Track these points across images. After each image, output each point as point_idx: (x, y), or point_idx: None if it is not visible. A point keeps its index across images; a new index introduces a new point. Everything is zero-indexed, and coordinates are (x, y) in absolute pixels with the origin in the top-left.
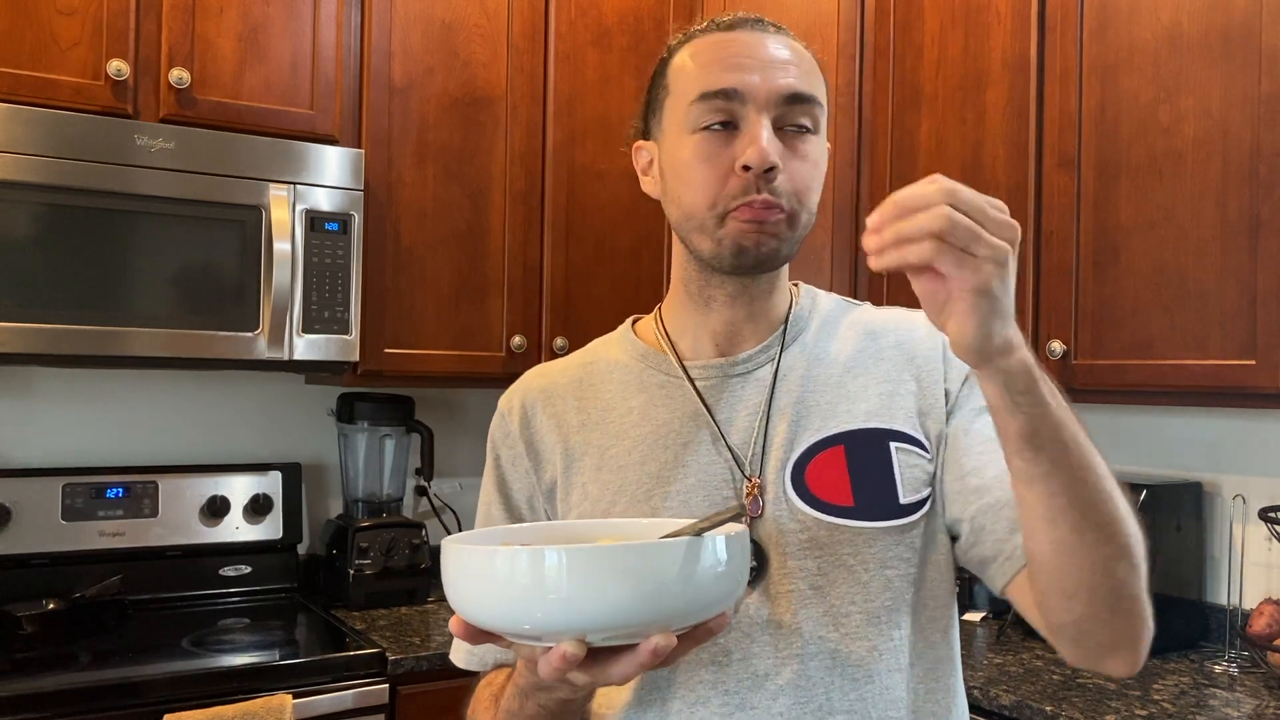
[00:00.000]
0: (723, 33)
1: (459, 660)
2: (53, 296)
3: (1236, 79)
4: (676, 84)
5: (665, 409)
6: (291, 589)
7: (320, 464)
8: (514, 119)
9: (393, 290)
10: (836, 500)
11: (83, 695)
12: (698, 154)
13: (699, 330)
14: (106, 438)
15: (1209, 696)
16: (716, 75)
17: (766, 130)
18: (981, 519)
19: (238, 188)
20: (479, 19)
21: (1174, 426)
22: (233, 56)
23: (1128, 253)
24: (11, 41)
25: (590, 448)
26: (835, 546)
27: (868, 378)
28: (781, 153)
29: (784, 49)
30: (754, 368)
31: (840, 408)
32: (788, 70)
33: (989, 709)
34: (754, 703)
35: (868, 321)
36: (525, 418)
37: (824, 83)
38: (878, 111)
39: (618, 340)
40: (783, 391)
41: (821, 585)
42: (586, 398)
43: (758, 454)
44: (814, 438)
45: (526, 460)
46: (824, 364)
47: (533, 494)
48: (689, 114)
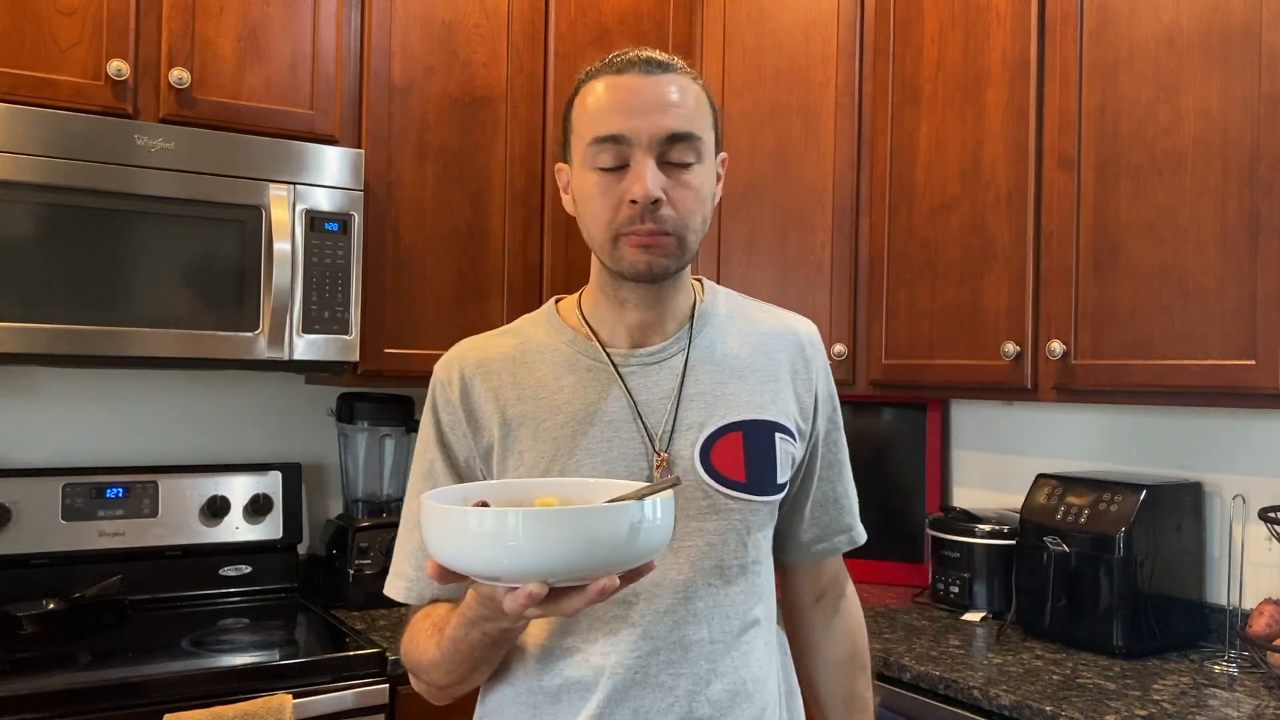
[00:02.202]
0: (615, 76)
1: (396, 593)
2: (53, 296)
3: (1236, 79)
4: (578, 123)
5: (593, 389)
6: (291, 589)
7: (320, 464)
8: (514, 119)
9: (393, 290)
10: (734, 476)
11: (83, 695)
12: (596, 188)
13: (616, 324)
14: (106, 438)
15: (1209, 696)
16: (606, 121)
17: (649, 169)
18: (817, 510)
19: (238, 188)
20: (479, 19)
21: (1174, 426)
22: (233, 56)
23: (1127, 253)
24: (11, 41)
25: (526, 419)
26: (729, 513)
27: (762, 376)
28: (665, 185)
29: (669, 90)
30: (666, 357)
31: (740, 399)
32: (669, 112)
33: (989, 709)
34: (654, 633)
35: (761, 323)
36: (464, 388)
37: (710, 114)
38: (878, 111)
39: (544, 323)
40: (691, 381)
41: (715, 544)
42: (521, 374)
43: (667, 432)
44: (720, 423)
45: (465, 425)
46: (728, 360)
47: (469, 455)
48: (587, 154)
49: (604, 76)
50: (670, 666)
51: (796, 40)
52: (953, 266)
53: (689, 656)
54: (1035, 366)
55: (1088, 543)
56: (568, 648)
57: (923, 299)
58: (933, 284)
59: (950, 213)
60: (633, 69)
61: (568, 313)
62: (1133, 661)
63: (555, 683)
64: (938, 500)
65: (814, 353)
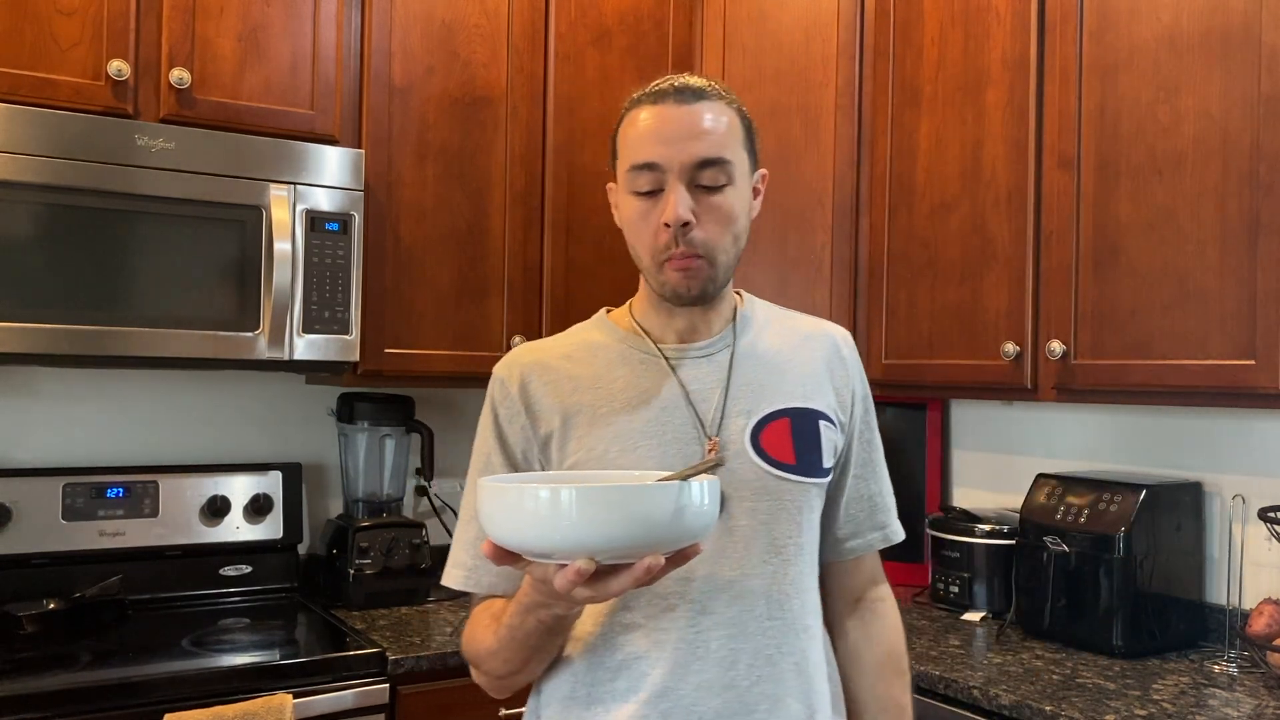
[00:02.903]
0: (652, 105)
1: (454, 581)
2: (53, 296)
3: (1236, 79)
4: (621, 149)
5: (646, 379)
6: (292, 589)
7: (320, 464)
8: (514, 119)
9: (393, 290)
10: (783, 459)
11: (83, 695)
12: (636, 213)
13: (665, 326)
14: (106, 438)
15: (1208, 696)
16: (642, 148)
17: (680, 193)
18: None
19: (238, 188)
20: (479, 19)
21: (1174, 426)
22: (233, 57)
23: (1127, 253)
24: (11, 41)
25: (584, 407)
26: (780, 494)
27: (803, 370)
28: (695, 207)
29: (702, 118)
30: (713, 352)
31: (785, 389)
32: (699, 140)
33: (989, 709)
34: (712, 609)
35: (798, 327)
36: (523, 384)
37: (744, 134)
38: (877, 111)
39: (596, 326)
40: (738, 373)
41: (768, 522)
42: (577, 368)
43: (718, 419)
44: (768, 409)
45: (525, 418)
46: (770, 355)
47: (527, 447)
48: (626, 179)
49: (644, 105)
50: (730, 641)
51: (796, 40)
52: (953, 266)
53: (747, 632)
54: (1035, 366)
55: (1087, 543)
56: (628, 624)
57: (923, 299)
58: (933, 284)
59: (950, 213)
60: (668, 98)
61: (619, 318)
62: (1132, 661)
63: (615, 659)
64: (938, 500)
65: (849, 353)
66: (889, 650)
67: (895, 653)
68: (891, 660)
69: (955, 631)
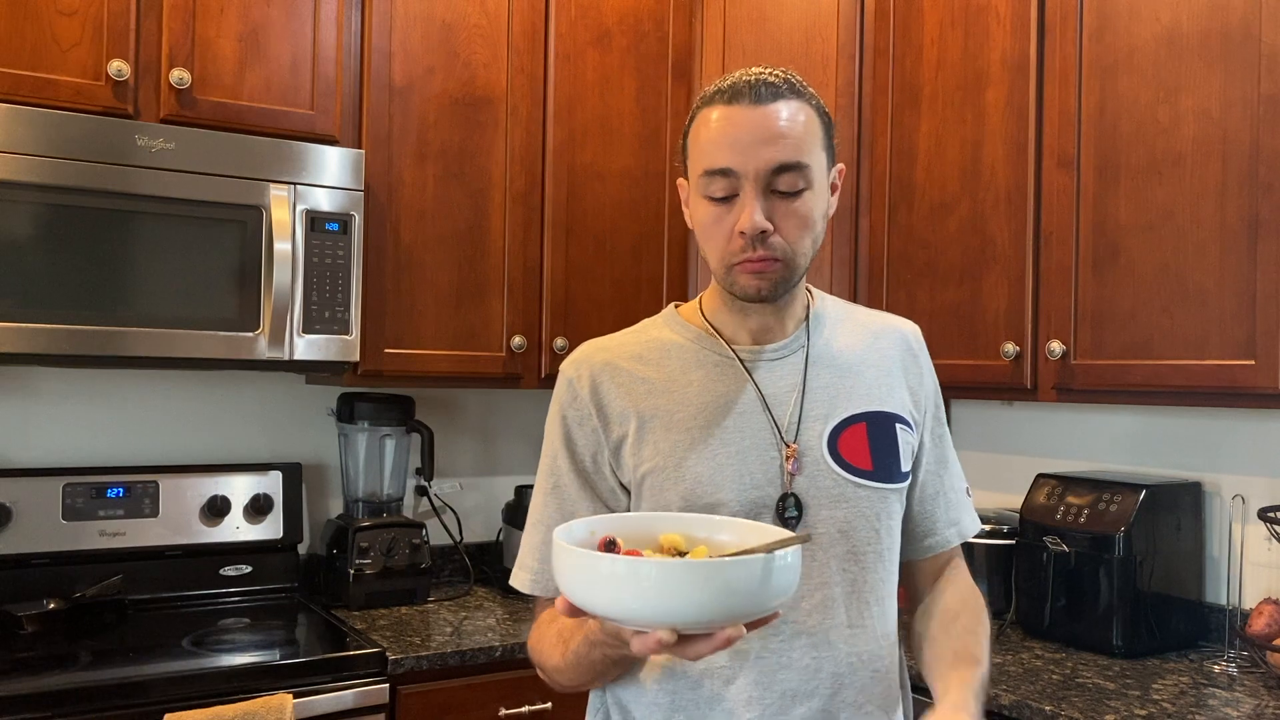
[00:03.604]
0: (725, 106)
1: (522, 585)
2: (53, 296)
3: (1236, 79)
4: (693, 150)
5: (721, 383)
6: (292, 589)
7: (320, 464)
8: (514, 119)
9: (393, 290)
10: (861, 465)
11: (83, 695)
12: (709, 218)
13: (738, 326)
14: (106, 438)
15: (1208, 696)
16: (716, 155)
17: (756, 202)
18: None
19: (238, 188)
20: (479, 19)
21: (1174, 426)
22: (233, 57)
23: (1127, 253)
24: (11, 41)
25: (659, 411)
26: (858, 501)
27: (877, 370)
28: (773, 213)
29: (779, 119)
30: (787, 354)
31: (860, 392)
32: (776, 144)
33: (989, 709)
34: (793, 618)
35: (869, 324)
36: (594, 385)
37: (822, 132)
38: (877, 111)
39: (666, 323)
40: (814, 375)
41: (846, 530)
42: (650, 370)
43: (794, 423)
44: (844, 414)
45: (595, 420)
46: (844, 356)
47: (598, 450)
48: (699, 183)
49: (718, 105)
50: (813, 650)
51: (796, 41)
52: (952, 266)
53: (830, 640)
54: (1035, 366)
55: (1087, 542)
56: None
57: (922, 299)
58: (932, 284)
59: (950, 213)
60: (743, 98)
61: (690, 315)
62: (1132, 661)
63: (697, 668)
64: None
65: (920, 349)
66: (964, 602)
67: (971, 605)
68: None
69: None
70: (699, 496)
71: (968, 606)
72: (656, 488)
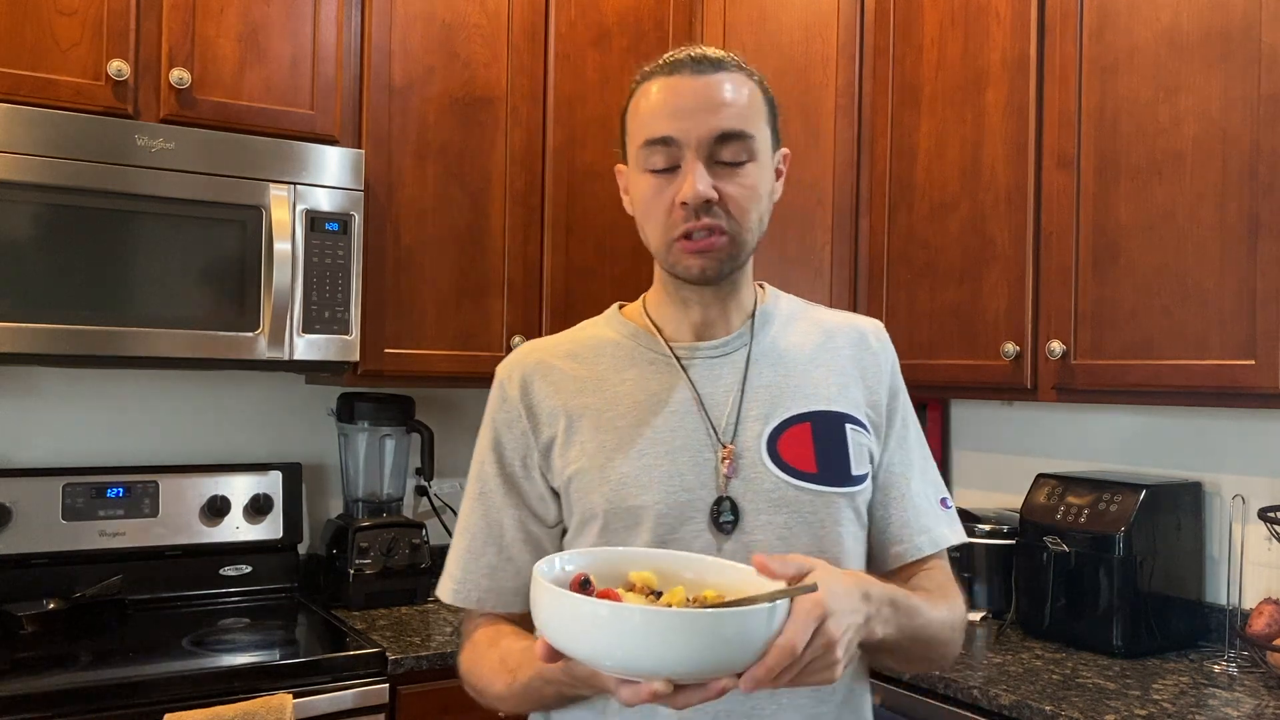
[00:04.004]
0: (665, 77)
1: (445, 594)
2: (53, 296)
3: (1236, 79)
4: (632, 125)
5: (655, 381)
6: (292, 589)
7: (320, 464)
8: (514, 119)
9: (393, 290)
10: (803, 467)
11: (83, 695)
12: (649, 191)
13: (679, 320)
14: (106, 438)
15: (1209, 696)
16: (656, 124)
17: (699, 170)
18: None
19: (238, 188)
20: (479, 19)
21: (1174, 426)
22: (233, 56)
23: (1127, 253)
24: (11, 41)
25: (588, 410)
26: (799, 505)
27: (828, 369)
28: (717, 184)
29: (721, 89)
30: (729, 351)
31: (807, 390)
32: (719, 112)
33: (989, 709)
34: None
35: (824, 321)
36: (524, 385)
37: (766, 108)
38: (877, 111)
39: (606, 322)
40: (756, 374)
41: (787, 537)
42: (582, 369)
43: (732, 424)
44: (786, 414)
45: (525, 422)
46: (791, 354)
47: (527, 454)
48: (639, 156)
49: (657, 78)
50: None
51: (796, 41)
52: (952, 266)
53: None
54: (1035, 366)
55: (1087, 542)
56: None
57: (922, 299)
58: (932, 284)
59: (950, 213)
60: (684, 69)
61: (632, 314)
62: (1132, 661)
63: None
64: None
65: (881, 348)
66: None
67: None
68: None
69: None
70: (623, 499)
71: (933, 579)
72: (582, 489)
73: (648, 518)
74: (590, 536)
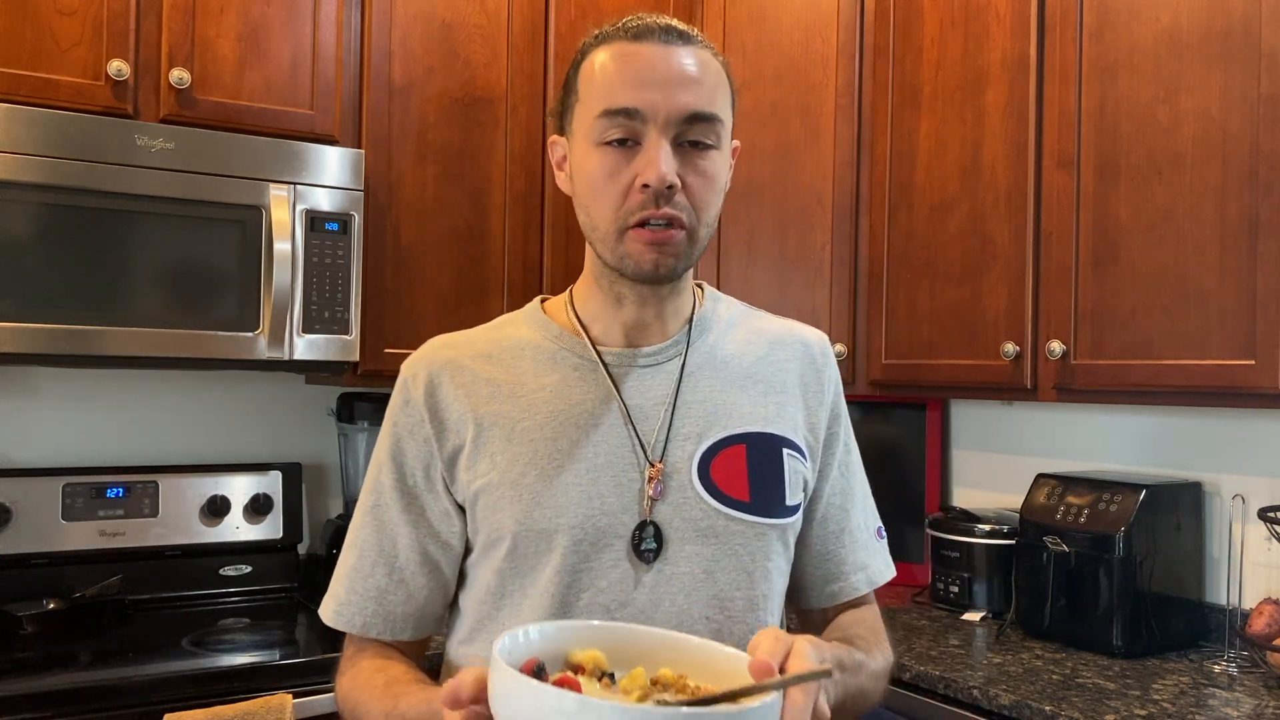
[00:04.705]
0: (629, 43)
1: (327, 616)
2: (53, 296)
3: (1236, 79)
4: (585, 92)
5: (579, 390)
6: (292, 589)
7: (320, 464)
8: (514, 119)
9: (393, 290)
10: (735, 494)
11: (83, 695)
12: (602, 168)
13: (610, 320)
14: (106, 438)
15: (1208, 696)
16: (619, 93)
17: (665, 150)
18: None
19: (238, 188)
20: (479, 19)
21: (1174, 426)
22: (233, 57)
23: (1127, 253)
24: (11, 41)
25: (500, 419)
26: (729, 536)
27: (767, 386)
28: (681, 170)
29: (690, 64)
30: (662, 360)
31: (743, 409)
32: (689, 89)
33: (989, 709)
34: None
35: (766, 331)
36: (430, 387)
37: (730, 94)
38: (877, 112)
39: (527, 320)
40: (690, 387)
41: (713, 570)
42: (497, 371)
43: (662, 441)
44: (721, 434)
45: (429, 428)
46: (729, 366)
47: (430, 464)
48: (594, 127)
49: (617, 42)
50: None
51: (796, 41)
52: (952, 266)
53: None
54: (1035, 366)
55: (1087, 542)
56: None
57: (922, 299)
58: (932, 284)
59: (950, 213)
60: (651, 36)
61: (555, 310)
62: (1132, 661)
63: None
64: (937, 500)
65: (825, 363)
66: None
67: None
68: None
69: (955, 631)
70: (535, 520)
71: (865, 624)
72: (489, 507)
73: (560, 542)
74: (496, 560)
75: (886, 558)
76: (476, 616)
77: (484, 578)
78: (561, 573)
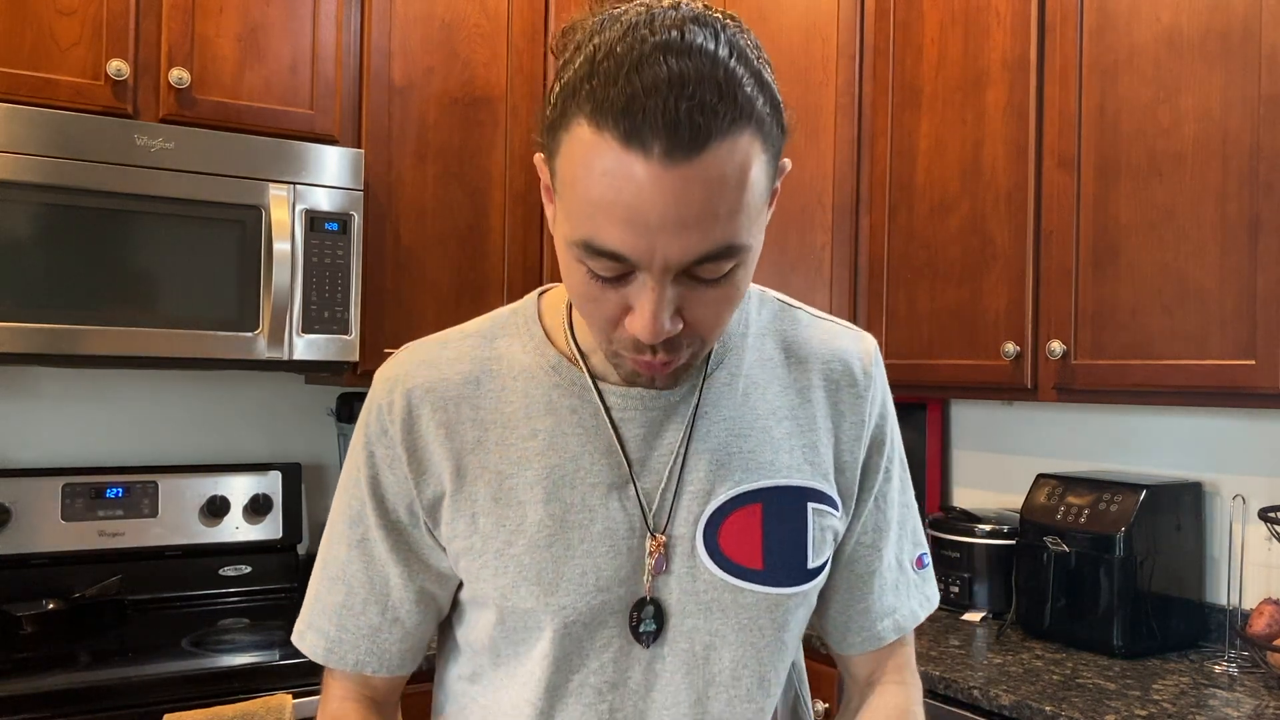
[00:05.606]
0: (622, 148)
1: (312, 651)
2: (53, 296)
3: (1236, 80)
4: (566, 189)
5: (575, 440)
6: (291, 589)
7: (320, 464)
8: (514, 119)
9: (393, 290)
10: (745, 563)
11: (83, 695)
12: (585, 293)
13: None
14: (106, 438)
15: (1209, 696)
16: (603, 228)
17: (663, 299)
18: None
19: (238, 188)
20: (479, 19)
21: (1174, 426)
22: (233, 56)
23: (1127, 253)
24: (11, 41)
25: (486, 472)
26: (737, 611)
27: (794, 423)
28: (684, 302)
29: (707, 182)
30: (674, 400)
31: (763, 457)
32: (701, 228)
33: (989, 709)
34: None
35: (801, 345)
36: (408, 420)
37: (766, 169)
38: (877, 111)
39: (522, 333)
40: (702, 431)
41: (719, 647)
42: (484, 408)
43: (668, 502)
44: (733, 491)
45: (405, 468)
46: (749, 401)
47: (411, 501)
48: (572, 239)
49: (610, 139)
50: None
51: (796, 41)
52: (952, 266)
53: None
54: (1035, 366)
55: (1087, 542)
56: None
57: (923, 299)
58: (932, 284)
59: (950, 213)
60: (652, 141)
61: (554, 324)
62: (1133, 661)
63: None
64: (938, 500)
65: (868, 384)
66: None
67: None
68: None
69: (955, 632)
70: (522, 599)
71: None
72: (472, 571)
73: (550, 624)
74: (485, 628)
75: (926, 589)
76: (475, 664)
77: (477, 627)
78: (550, 654)
